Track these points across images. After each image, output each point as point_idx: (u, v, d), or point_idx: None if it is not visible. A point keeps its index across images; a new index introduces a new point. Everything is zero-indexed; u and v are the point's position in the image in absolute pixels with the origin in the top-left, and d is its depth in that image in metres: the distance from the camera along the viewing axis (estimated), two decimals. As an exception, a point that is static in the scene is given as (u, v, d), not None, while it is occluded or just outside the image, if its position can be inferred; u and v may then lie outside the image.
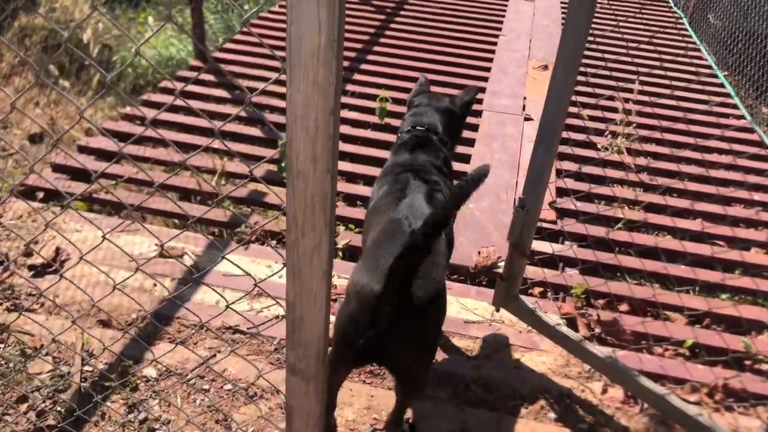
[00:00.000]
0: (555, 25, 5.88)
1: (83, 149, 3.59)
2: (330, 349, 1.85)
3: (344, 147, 3.80)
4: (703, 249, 3.09)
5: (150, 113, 3.87)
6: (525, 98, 4.49)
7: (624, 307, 2.79)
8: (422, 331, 1.69)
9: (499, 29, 5.67)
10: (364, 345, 1.66)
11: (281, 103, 4.18)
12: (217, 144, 3.70)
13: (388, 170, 2.14)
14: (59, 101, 6.57)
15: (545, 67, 4.94)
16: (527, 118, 4.23)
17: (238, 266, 1.49)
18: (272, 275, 2.16)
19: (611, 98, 4.52)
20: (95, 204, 3.23)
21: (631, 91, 4.61)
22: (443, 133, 2.25)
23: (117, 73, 6.26)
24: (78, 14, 6.86)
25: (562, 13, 6.16)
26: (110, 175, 3.36)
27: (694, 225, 3.30)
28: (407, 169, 2.06)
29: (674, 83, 4.94)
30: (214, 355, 2.38)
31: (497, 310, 2.52)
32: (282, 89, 4.29)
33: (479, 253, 2.94)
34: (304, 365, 1.17)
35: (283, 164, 3.49)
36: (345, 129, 4.00)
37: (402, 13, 5.86)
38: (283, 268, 1.12)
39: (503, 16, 5.98)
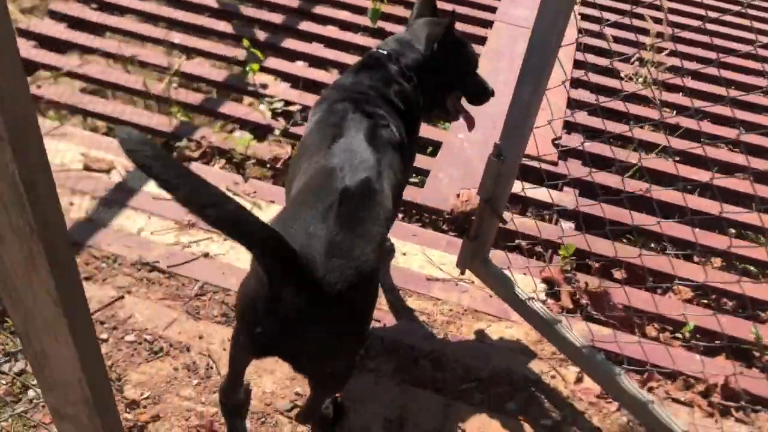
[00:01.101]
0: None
1: (23, 33, 3.08)
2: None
3: (326, 53, 3.25)
4: (747, 216, 2.56)
5: (107, -5, 3.33)
6: (546, 10, 3.84)
7: (621, 274, 2.34)
8: (336, 328, 1.26)
9: (530, -74, 4.88)
10: (262, 334, 1.25)
11: (262, -5, 3.59)
12: (179, 38, 3.17)
13: (324, 95, 1.64)
14: None
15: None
16: (544, 35, 3.61)
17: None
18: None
19: (641, 17, 3.85)
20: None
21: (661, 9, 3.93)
22: (412, 63, 1.72)
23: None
24: None
25: None
26: (48, 66, 2.87)
27: (734, 184, 2.78)
28: (345, 98, 1.56)
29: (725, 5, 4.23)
30: (122, 297, 1.99)
31: (462, 273, 2.08)
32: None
33: (458, 195, 2.47)
34: (73, 411, 0.75)
35: (248, 68, 2.97)
36: (331, 31, 3.42)
37: None
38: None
39: None
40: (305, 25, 3.41)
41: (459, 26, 3.58)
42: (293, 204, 1.35)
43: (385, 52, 1.69)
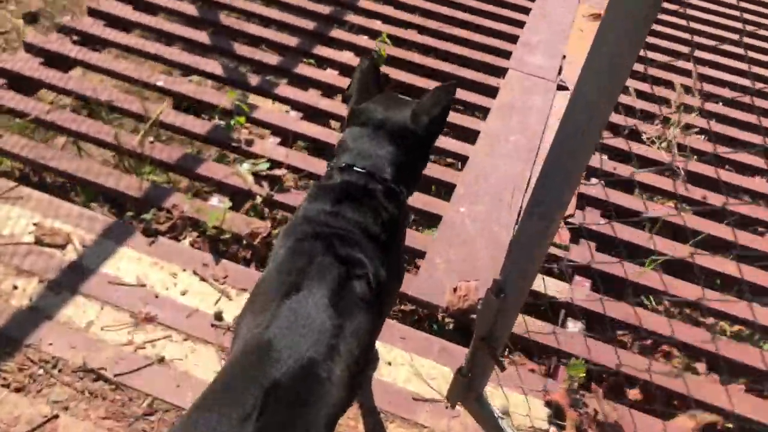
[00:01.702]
0: (622, -42, 4.71)
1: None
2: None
3: (322, 102, 2.95)
4: None
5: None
6: (564, 57, 3.52)
7: (636, 393, 2.04)
8: None
9: (552, -43, 4.54)
10: None
11: (258, 31, 3.29)
12: (162, 80, 2.88)
13: (296, 225, 1.33)
14: None
15: (597, 17, 3.90)
16: (561, 87, 3.29)
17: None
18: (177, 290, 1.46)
19: (669, 66, 3.53)
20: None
21: (696, 61, 3.60)
22: (394, 177, 1.41)
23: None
24: None
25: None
26: (15, 111, 2.60)
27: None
28: (320, 234, 1.26)
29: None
30: (56, 416, 1.71)
31: (452, 406, 1.78)
32: (261, 8, 3.40)
33: (455, 289, 2.17)
34: None
35: (233, 122, 2.68)
36: (330, 76, 3.12)
37: None
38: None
39: (560, -60, 4.81)
40: (303, 68, 3.11)
41: (468, 73, 3.29)
42: (206, 399, 1.04)
43: (365, 170, 1.38)
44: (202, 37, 3.18)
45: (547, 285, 2.27)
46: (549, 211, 1.29)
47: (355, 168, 1.38)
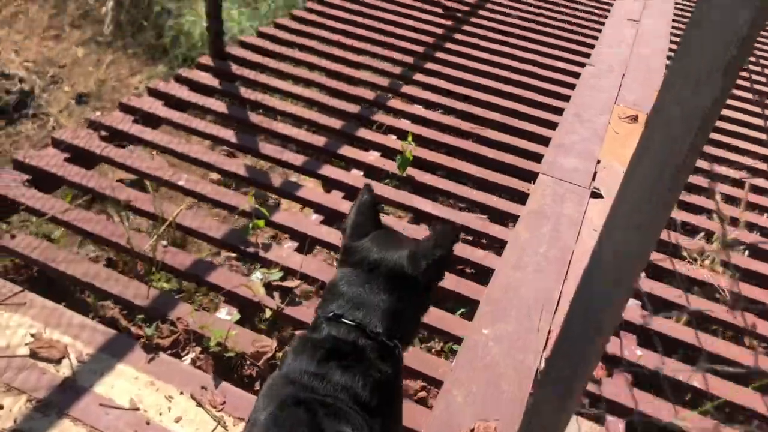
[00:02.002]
0: (658, 57, 4.64)
1: (17, 164, 2.79)
2: None
3: (344, 205, 2.85)
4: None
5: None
6: (598, 162, 3.38)
7: None
8: None
9: (587, 56, 4.50)
10: None
11: (286, 130, 3.26)
12: (184, 180, 2.84)
13: (278, 386, 1.19)
14: (114, 62, 6.08)
15: (634, 119, 3.78)
16: (595, 194, 3.14)
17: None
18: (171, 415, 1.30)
19: (711, 175, 3.35)
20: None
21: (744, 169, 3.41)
22: (389, 331, 1.26)
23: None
24: None
25: (672, 41, 4.90)
26: (32, 210, 2.56)
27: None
28: (303, 401, 1.11)
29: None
30: None
31: None
32: (291, 107, 3.37)
33: (472, 430, 1.96)
34: None
35: (251, 225, 2.59)
36: (354, 177, 3.03)
37: (472, 21, 4.76)
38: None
39: (595, 39, 4.78)
40: (326, 169, 3.04)
41: (497, 177, 3.17)
42: None
43: (354, 323, 1.23)
44: (228, 134, 3.15)
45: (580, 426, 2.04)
46: (567, 380, 1.11)
47: (344, 320, 1.23)
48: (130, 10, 6.01)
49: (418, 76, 3.92)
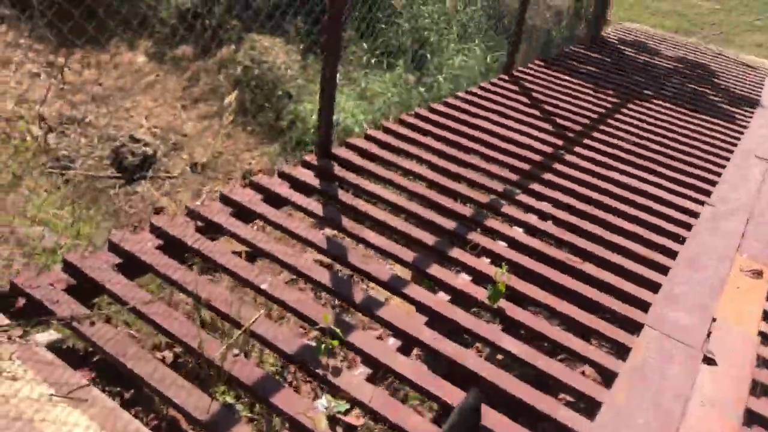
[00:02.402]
0: (790, 203, 4.22)
1: (111, 246, 2.83)
2: None
3: (425, 333, 2.66)
4: None
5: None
6: (714, 320, 3.01)
7: None
8: None
9: (708, 194, 4.16)
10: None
11: (376, 240, 3.16)
12: (267, 283, 2.77)
13: None
14: (232, 135, 6.41)
15: (759, 274, 3.38)
16: (708, 359, 2.76)
17: None
18: None
19: None
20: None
21: None
22: None
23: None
24: (273, 58, 6.74)
25: (805, 187, 4.46)
26: (116, 296, 2.56)
27: None
28: None
29: None
30: None
31: None
32: (384, 215, 3.27)
33: None
34: None
35: (324, 345, 2.45)
36: (438, 302, 2.84)
37: (584, 142, 4.57)
38: None
39: (718, 176, 4.43)
40: (411, 289, 2.88)
41: (597, 323, 2.88)
42: None
43: None
44: (319, 238, 3.09)
45: None
46: None
47: None
48: (254, 91, 6.33)
49: (521, 197, 3.75)
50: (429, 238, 3.25)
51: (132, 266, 2.74)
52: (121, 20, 6.76)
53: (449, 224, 3.39)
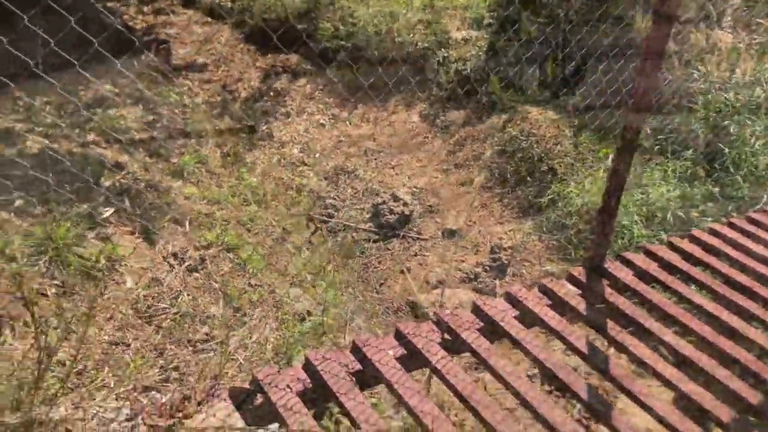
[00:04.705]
0: None
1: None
2: None
3: None
4: None
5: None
6: None
7: None
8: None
9: None
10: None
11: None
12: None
13: None
14: (487, 205, 6.18)
15: None
16: None
17: None
18: None
19: None
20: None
21: None
22: None
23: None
24: (543, 131, 6.36)
25: None
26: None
27: None
28: None
29: None
30: None
31: None
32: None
33: None
34: None
35: None
36: None
37: None
38: None
39: None
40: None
41: None
42: None
43: None
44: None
45: None
46: None
47: None
48: (518, 163, 5.95)
49: None
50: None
51: (364, 377, 2.49)
52: (399, 81, 6.94)
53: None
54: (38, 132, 4.45)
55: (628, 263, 3.28)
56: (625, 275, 3.15)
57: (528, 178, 5.94)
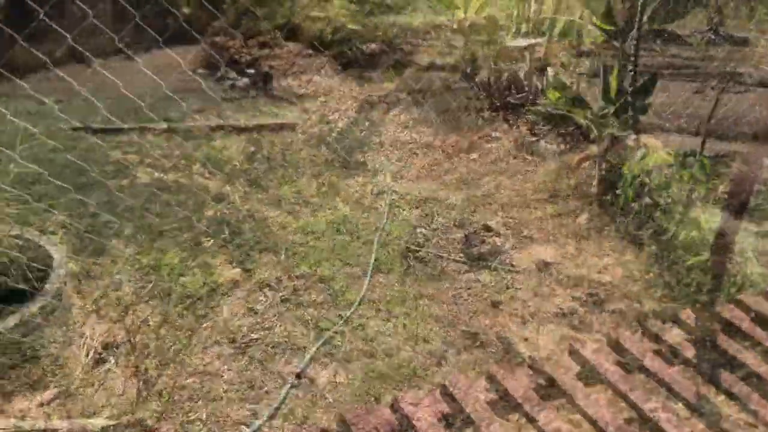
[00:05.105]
0: None
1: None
2: None
3: None
4: None
5: None
6: None
7: None
8: None
9: None
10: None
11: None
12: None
13: None
14: (586, 237, 5.91)
15: None
16: None
17: None
18: None
19: None
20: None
21: None
22: None
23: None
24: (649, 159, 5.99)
25: None
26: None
27: None
28: None
29: None
30: None
31: None
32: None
33: None
34: None
35: None
36: None
37: None
38: None
39: None
40: None
41: None
42: None
43: None
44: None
45: None
46: None
47: None
48: (617, 193, 5.62)
49: None
50: None
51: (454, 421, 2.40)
52: (493, 107, 6.81)
53: None
54: (147, 163, 4.74)
55: (743, 306, 2.99)
56: (741, 320, 2.87)
57: (634, 206, 5.63)
